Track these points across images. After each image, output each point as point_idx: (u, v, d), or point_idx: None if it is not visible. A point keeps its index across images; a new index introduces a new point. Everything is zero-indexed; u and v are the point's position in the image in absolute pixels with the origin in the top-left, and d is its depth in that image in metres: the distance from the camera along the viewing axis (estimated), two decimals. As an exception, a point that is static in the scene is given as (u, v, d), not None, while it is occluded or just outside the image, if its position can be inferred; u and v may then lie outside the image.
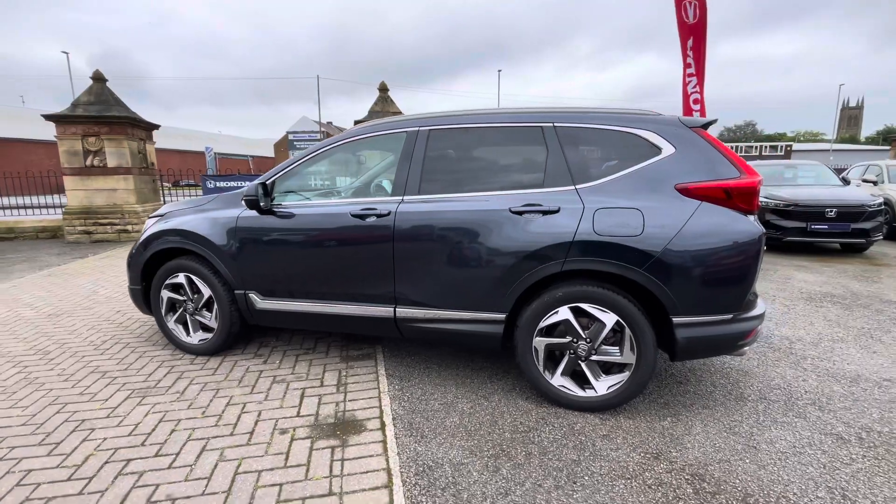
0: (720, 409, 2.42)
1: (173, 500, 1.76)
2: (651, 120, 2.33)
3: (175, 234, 2.99)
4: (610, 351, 2.31)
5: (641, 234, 2.16)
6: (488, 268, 2.39)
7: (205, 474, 1.91)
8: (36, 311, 4.17)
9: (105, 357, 3.11)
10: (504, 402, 2.49)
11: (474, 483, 1.85)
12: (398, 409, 2.43)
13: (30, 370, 2.91)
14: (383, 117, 9.35)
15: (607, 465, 1.96)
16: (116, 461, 1.99)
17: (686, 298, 2.15)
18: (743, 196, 2.15)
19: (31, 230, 8.75)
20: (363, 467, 1.95)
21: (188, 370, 2.91)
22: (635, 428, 2.24)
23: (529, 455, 2.03)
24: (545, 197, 2.33)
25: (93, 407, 2.45)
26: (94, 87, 8.47)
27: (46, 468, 1.95)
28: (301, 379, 2.77)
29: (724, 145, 2.27)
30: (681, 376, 2.81)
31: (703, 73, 8.09)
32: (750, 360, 3.05)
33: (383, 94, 10.17)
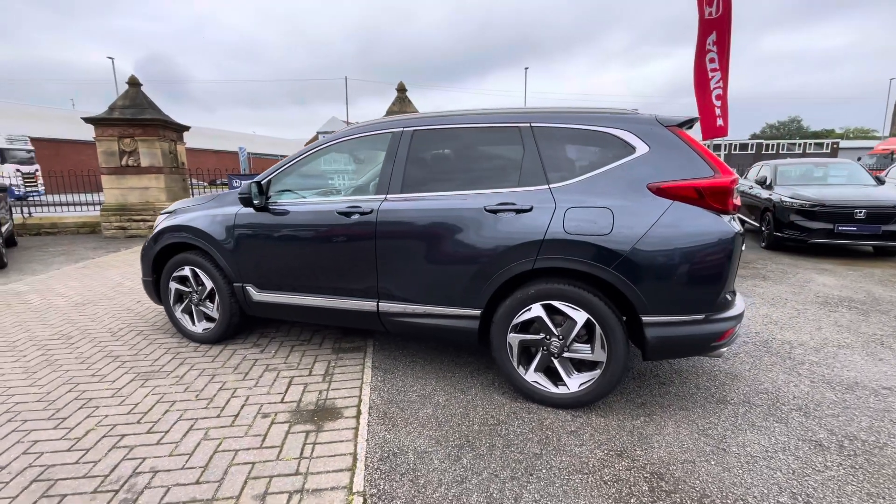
0: (698, 412, 2.39)
1: (155, 472, 1.92)
2: (626, 119, 2.33)
3: (181, 229, 3.20)
4: (581, 348, 2.33)
5: (610, 233, 2.17)
6: (464, 265, 2.45)
7: (188, 451, 2.06)
8: (66, 300, 4.52)
9: (119, 343, 3.36)
10: (480, 396, 2.55)
11: (433, 470, 1.92)
12: (376, 399, 2.53)
13: (52, 353, 3.18)
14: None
15: (567, 460, 1.99)
16: (113, 436, 2.18)
17: (655, 298, 2.15)
18: (716, 195, 2.12)
19: (72, 225, 9.40)
20: (332, 451, 2.06)
21: (191, 357, 3.11)
22: (605, 425, 2.26)
23: (493, 447, 2.09)
24: (519, 196, 2.37)
25: (101, 388, 2.67)
26: (130, 91, 9.00)
27: (52, 440, 2.15)
28: (292, 368, 2.92)
29: (701, 144, 2.24)
30: (665, 377, 2.78)
31: (727, 68, 7.83)
32: (742, 363, 2.98)
33: (401, 94, 10.32)
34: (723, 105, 7.74)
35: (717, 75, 7.79)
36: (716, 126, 7.73)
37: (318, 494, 1.78)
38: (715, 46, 7.83)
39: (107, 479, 1.88)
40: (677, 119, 2.30)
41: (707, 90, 7.91)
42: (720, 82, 7.74)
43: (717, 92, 7.76)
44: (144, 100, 9.05)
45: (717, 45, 7.82)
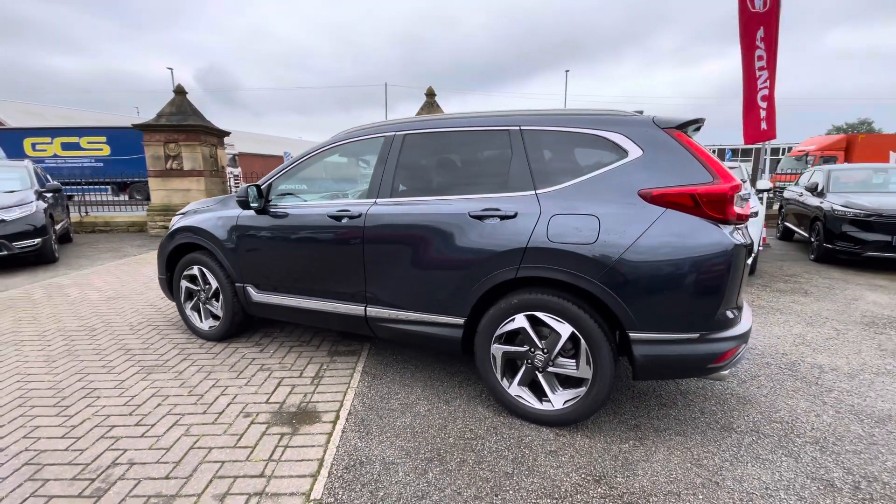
0: (696, 438, 2.19)
1: (132, 464, 1.98)
2: (620, 121, 2.19)
3: (190, 230, 3.34)
4: (566, 363, 2.20)
5: (595, 242, 2.03)
6: (448, 271, 2.39)
7: (167, 445, 2.12)
8: (100, 294, 4.85)
9: (134, 336, 3.55)
10: (463, 408, 2.47)
11: (396, 483, 1.87)
12: (358, 404, 2.51)
13: (74, 343, 3.40)
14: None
15: (539, 482, 1.87)
16: (104, 426, 2.28)
17: (644, 313, 1.99)
18: (712, 203, 1.94)
19: (123, 224, 10.12)
20: (301, 455, 2.05)
21: (194, 353, 3.22)
22: (589, 447, 2.12)
23: (463, 462, 2.01)
24: (504, 202, 2.28)
25: (107, 379, 2.82)
26: (176, 99, 9.59)
27: (51, 426, 2.29)
28: (284, 369, 2.96)
29: (701, 147, 2.07)
30: (667, 398, 2.59)
31: (775, 67, 7.32)
32: (760, 387, 2.72)
33: (430, 98, 10.38)
34: (769, 106, 7.23)
35: (764, 74, 7.29)
36: (759, 129, 7.21)
37: (275, 499, 1.77)
38: (763, 43, 7.33)
39: (87, 467, 1.96)
40: (676, 121, 2.14)
41: (753, 90, 7.41)
42: (767, 82, 7.24)
43: (764, 92, 7.25)
44: (189, 107, 9.61)
45: (764, 42, 7.32)
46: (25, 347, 3.31)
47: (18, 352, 3.23)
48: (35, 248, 6.01)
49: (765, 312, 4.16)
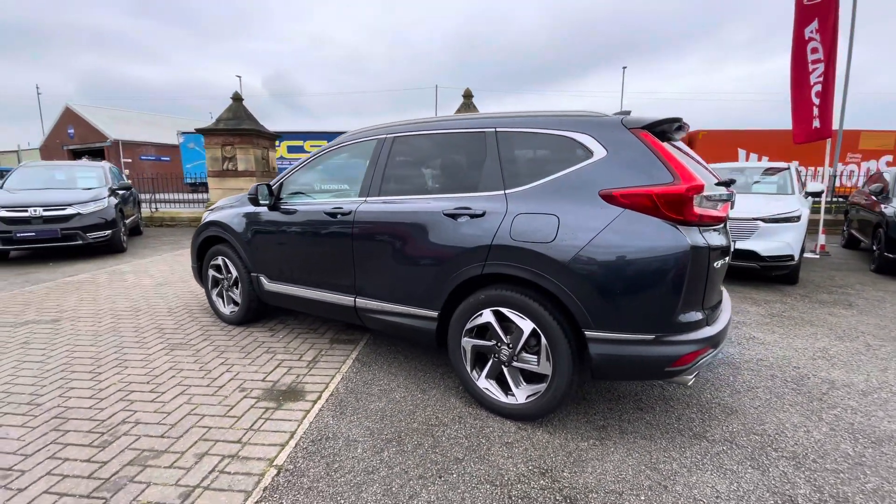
0: (662, 443, 2.16)
1: (137, 423, 2.30)
2: (588, 122, 2.20)
3: (216, 224, 3.71)
4: (529, 359, 2.25)
5: (553, 241, 2.07)
6: (423, 266, 2.51)
7: (169, 410, 2.42)
8: (152, 280, 5.45)
9: (170, 318, 3.99)
10: (437, 398, 2.58)
11: (352, 458, 2.02)
12: (341, 388, 2.70)
13: (119, 322, 3.89)
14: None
15: (485, 470, 1.95)
16: (124, 391, 2.64)
17: (599, 311, 2.00)
18: (670, 204, 1.92)
19: (186, 219, 11.17)
20: (277, 427, 2.26)
21: (215, 334, 3.58)
22: (546, 442, 2.15)
23: (419, 445, 2.12)
24: (476, 201, 2.37)
25: (137, 353, 3.22)
26: (233, 105, 10.45)
27: (82, 388, 2.68)
28: (287, 353, 3.22)
29: (666, 148, 2.04)
30: (646, 402, 2.54)
31: (834, 60, 6.73)
32: (753, 398, 2.59)
33: (467, 100, 10.51)
34: (824, 103, 6.65)
35: (819, 68, 6.72)
36: (811, 128, 6.64)
37: (244, 461, 1.99)
38: (818, 35, 6.76)
39: (102, 423, 2.30)
40: (645, 120, 2.12)
41: (805, 85, 6.86)
42: (822, 76, 6.66)
43: (818, 88, 6.68)
44: (244, 112, 10.43)
45: (819, 34, 6.75)
46: (80, 323, 3.84)
47: (73, 326, 3.76)
48: (106, 238, 6.85)
49: (793, 324, 3.89)
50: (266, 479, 1.88)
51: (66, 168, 8.00)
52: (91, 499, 1.78)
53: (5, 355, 3.16)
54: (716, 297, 2.19)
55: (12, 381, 2.76)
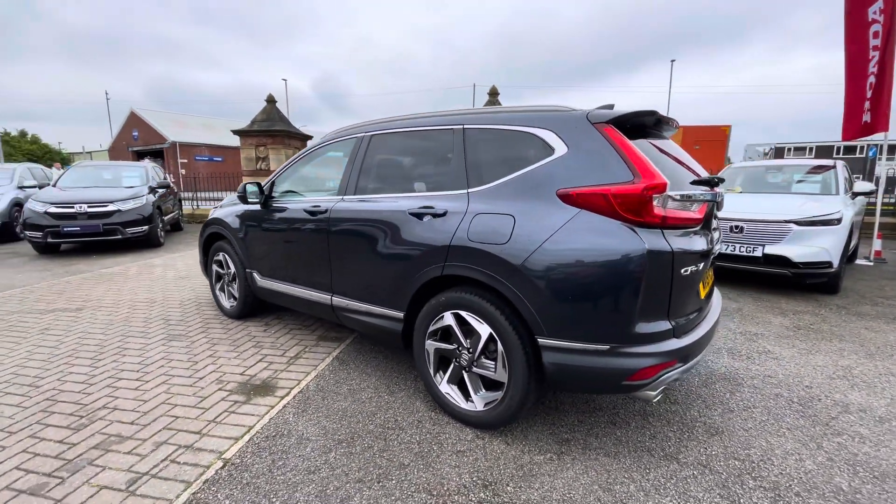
0: (625, 462, 2.00)
1: (114, 409, 2.42)
2: (552, 118, 2.08)
3: (216, 221, 3.86)
4: (488, 365, 2.15)
5: (507, 243, 1.97)
6: (390, 266, 2.48)
7: (146, 399, 2.54)
8: (175, 273, 5.77)
9: (178, 310, 4.20)
10: (402, 401, 2.54)
11: (298, 456, 2.03)
12: (312, 385, 2.72)
13: (133, 312, 4.14)
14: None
15: (427, 478, 1.89)
16: (113, 378, 2.80)
17: (552, 318, 1.88)
18: (626, 204, 1.77)
19: (223, 217, 11.77)
20: (238, 421, 2.31)
21: (213, 327, 3.73)
22: (500, 453, 2.06)
23: (368, 448, 2.09)
24: (439, 199, 2.31)
25: (138, 342, 3.41)
26: (267, 107, 10.88)
27: (79, 374, 2.86)
28: (273, 348, 3.29)
29: (629, 144, 1.88)
30: (623, 417, 2.37)
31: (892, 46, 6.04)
32: (747, 419, 2.35)
33: (492, 98, 10.35)
34: (878, 95, 5.98)
35: (876, 56, 6.06)
36: (860, 123, 5.99)
37: (196, 453, 2.05)
38: (882, 16, 6.10)
39: (84, 407, 2.44)
40: (611, 115, 1.96)
41: (861, 75, 6.20)
42: (877, 66, 6.00)
43: (872, 79, 6.02)
44: (276, 114, 10.84)
45: (884, 14, 6.08)
46: (98, 312, 4.12)
47: (92, 315, 4.04)
48: (143, 233, 7.33)
49: (819, 338, 3.52)
50: (210, 471, 1.92)
51: (113, 168, 8.64)
52: (51, 477, 1.89)
53: (25, 340, 3.44)
54: (691, 306, 2.00)
55: (23, 364, 3.00)
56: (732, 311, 4.22)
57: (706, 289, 2.23)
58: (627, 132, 1.98)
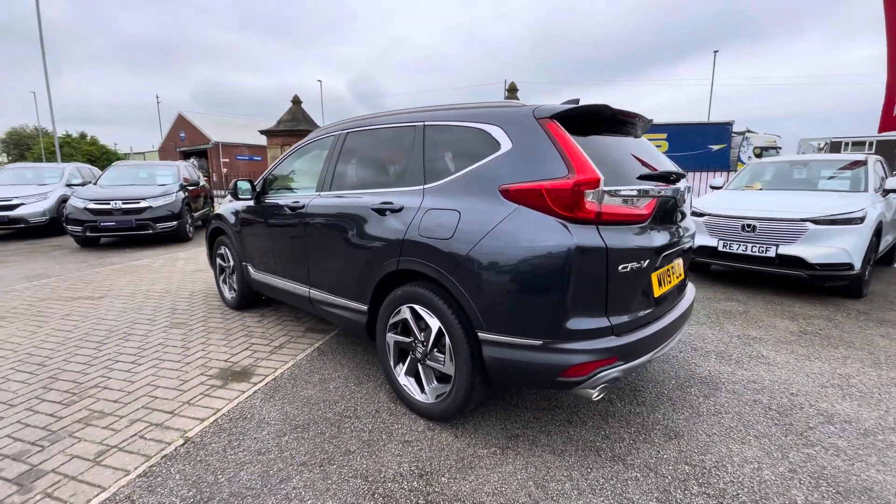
0: (569, 460, 1.98)
1: (105, 388, 2.63)
2: (500, 114, 2.08)
3: (217, 217, 4.07)
4: (438, 358, 2.18)
5: (451, 238, 1.99)
6: (355, 260, 2.55)
7: (135, 380, 2.73)
8: (195, 266, 6.12)
9: (187, 300, 4.46)
10: (368, 391, 2.61)
11: (254, 439, 2.13)
12: (286, 373, 2.83)
13: (147, 301, 4.44)
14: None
15: (367, 465, 1.95)
16: (112, 360, 3.03)
17: (490, 312, 1.89)
18: (558, 200, 1.75)
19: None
20: (208, 404, 2.45)
21: (213, 317, 3.94)
22: (445, 445, 2.09)
23: (320, 434, 2.17)
24: (398, 195, 2.35)
25: (143, 329, 3.66)
26: (292, 108, 11.28)
27: (84, 356, 3.12)
28: (262, 338, 3.45)
29: (569, 139, 1.85)
30: (580, 417, 2.34)
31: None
32: (713, 425, 2.26)
33: (511, 94, 10.26)
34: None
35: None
36: (891, 115, 5.51)
37: (164, 430, 2.20)
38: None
39: (80, 385, 2.67)
40: (556, 109, 1.94)
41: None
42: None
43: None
44: (301, 114, 11.21)
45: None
46: (117, 301, 4.45)
47: (110, 303, 4.37)
48: (172, 229, 7.80)
49: (824, 344, 3.30)
50: (171, 447, 2.06)
51: (148, 167, 9.24)
52: (34, 445, 2.09)
53: (46, 324, 3.77)
54: (639, 303, 1.95)
55: (38, 346, 3.30)
56: (737, 313, 4.02)
57: (667, 286, 2.16)
58: (579, 128, 1.96)
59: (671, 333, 2.14)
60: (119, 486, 1.82)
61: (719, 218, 4.88)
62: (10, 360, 3.04)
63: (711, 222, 4.94)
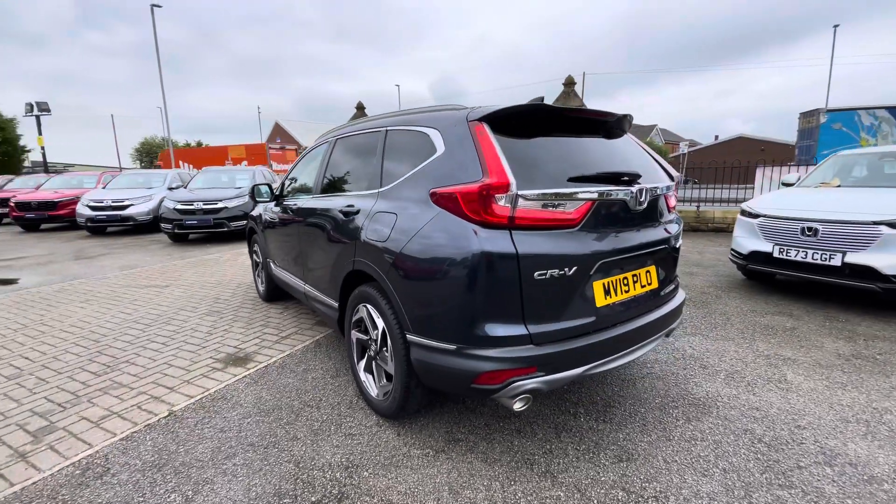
0: (496, 471, 1.93)
1: (130, 363, 3.09)
2: (440, 117, 2.08)
3: (250, 217, 4.52)
4: (385, 357, 2.25)
5: (386, 241, 2.05)
6: (327, 259, 2.71)
7: (156, 359, 3.17)
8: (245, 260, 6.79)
9: (231, 291, 5.01)
10: (340, 384, 2.75)
11: (223, 418, 2.38)
12: (279, 362, 3.08)
13: (200, 292, 5.06)
14: None
15: (304, 452, 2.08)
16: (148, 341, 3.53)
17: (414, 315, 1.92)
18: (469, 204, 1.72)
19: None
20: (202, 384, 2.77)
21: (244, 307, 4.39)
22: (384, 441, 2.15)
23: (279, 419, 2.35)
24: (359, 199, 2.46)
25: (183, 315, 4.19)
26: (356, 114, 11.94)
27: (130, 336, 3.67)
28: (275, 328, 3.77)
29: (490, 141, 1.79)
30: (534, 428, 2.25)
31: None
32: (682, 451, 2.04)
33: (567, 88, 9.84)
34: None
35: None
36: None
37: (157, 403, 2.54)
38: None
39: (114, 359, 3.16)
40: (484, 112, 1.89)
41: None
42: None
43: None
44: (363, 119, 11.83)
45: None
46: (176, 290, 5.14)
47: (171, 292, 5.06)
48: (244, 227, 8.73)
49: (873, 371, 2.78)
50: (155, 418, 2.38)
51: (230, 172, 10.44)
52: (59, 406, 2.53)
53: (115, 307, 4.49)
54: (568, 314, 1.83)
55: (100, 326, 3.94)
56: (779, 330, 3.51)
57: (622, 295, 2.00)
58: (518, 129, 1.91)
59: (623, 346, 1.97)
60: (103, 445, 2.15)
61: (775, 220, 4.29)
62: (75, 335, 3.68)
63: (766, 224, 4.36)
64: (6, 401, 2.59)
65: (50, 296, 5.00)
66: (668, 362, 2.98)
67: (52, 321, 4.06)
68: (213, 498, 1.80)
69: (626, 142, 2.35)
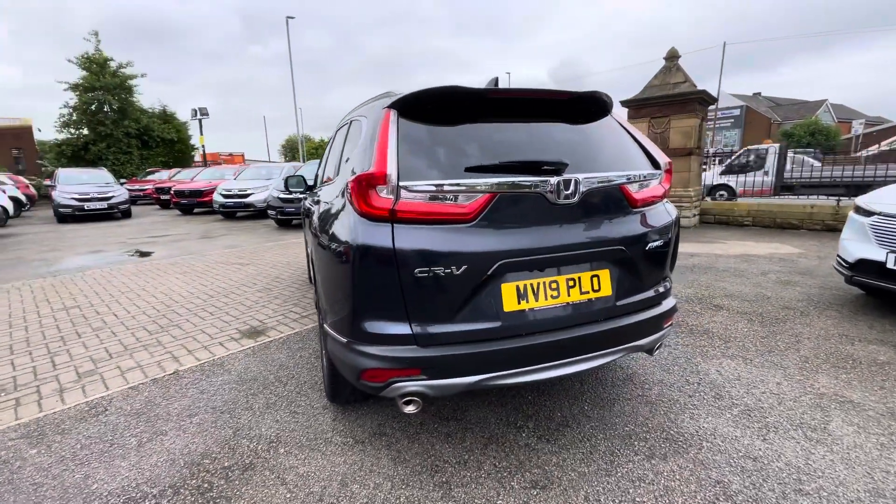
0: (396, 471, 1.88)
1: (174, 326, 3.68)
2: (374, 104, 2.04)
3: (303, 206, 4.96)
4: (327, 344, 2.32)
5: (316, 231, 2.10)
6: (309, 247, 2.86)
7: (196, 324, 3.72)
8: (325, 246, 7.46)
9: (291, 272, 5.59)
10: (317, 365, 2.91)
11: (208, 382, 2.71)
12: (284, 339, 3.37)
13: (265, 270, 5.75)
14: (661, 91, 8.19)
15: (248, 421, 2.28)
16: (198, 308, 4.15)
17: (325, 305, 1.96)
18: (353, 195, 1.67)
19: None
20: (214, 351, 3.18)
21: (292, 287, 4.87)
22: (314, 425, 2.23)
23: (248, 390, 2.60)
24: (324, 188, 2.55)
25: (243, 290, 4.81)
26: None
27: (192, 304, 4.35)
28: (303, 308, 4.12)
29: (387, 129, 1.69)
30: (465, 436, 2.12)
31: None
32: (617, 490, 1.74)
33: (669, 63, 8.58)
34: None
35: None
36: None
37: (172, 362, 3.00)
38: None
39: (170, 322, 3.79)
40: (393, 98, 1.80)
41: None
42: None
43: None
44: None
45: None
46: (250, 268, 5.91)
47: (246, 269, 5.84)
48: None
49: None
50: (162, 375, 2.82)
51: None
52: (109, 355, 3.15)
53: (199, 280, 5.34)
54: (465, 316, 1.66)
55: (179, 293, 4.74)
56: (863, 363, 2.70)
57: (547, 300, 1.75)
58: (437, 116, 1.80)
59: (544, 358, 1.73)
60: (117, 390, 2.64)
61: (893, 219, 3.27)
62: (157, 301, 4.50)
63: (881, 225, 3.35)
64: (79, 346, 3.32)
65: (163, 267, 6.17)
66: (675, 385, 2.52)
67: (149, 287, 5.02)
68: (158, 447, 2.09)
69: (598, 126, 2.03)
